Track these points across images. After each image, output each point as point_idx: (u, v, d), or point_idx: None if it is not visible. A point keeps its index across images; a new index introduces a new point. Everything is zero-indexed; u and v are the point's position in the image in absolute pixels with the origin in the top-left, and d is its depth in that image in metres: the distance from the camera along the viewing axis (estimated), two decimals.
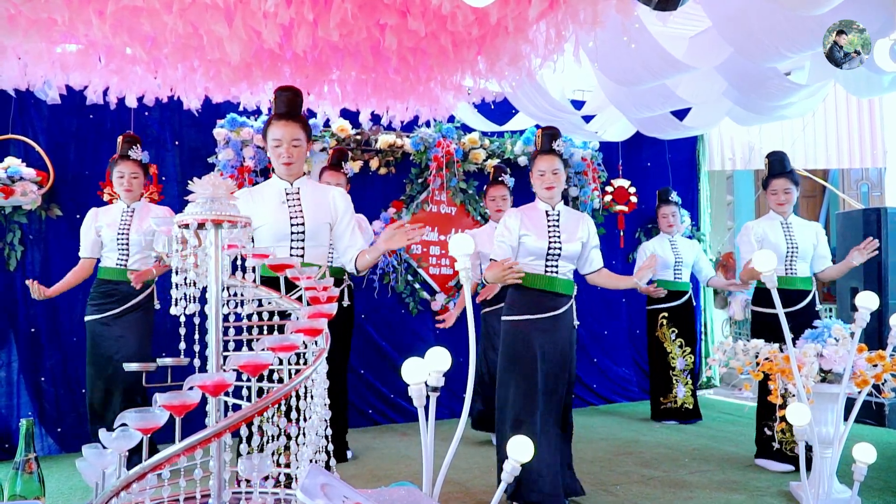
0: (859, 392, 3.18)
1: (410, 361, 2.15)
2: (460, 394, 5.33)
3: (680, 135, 5.71)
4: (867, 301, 3.07)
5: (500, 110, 5.37)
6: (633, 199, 6.29)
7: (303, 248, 2.83)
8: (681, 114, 5.22)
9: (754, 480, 3.67)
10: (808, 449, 3.43)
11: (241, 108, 4.52)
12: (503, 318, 3.26)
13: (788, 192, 4.05)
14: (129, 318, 3.79)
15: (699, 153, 6.70)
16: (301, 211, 2.84)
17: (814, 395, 3.17)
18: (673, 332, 5.21)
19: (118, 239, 3.81)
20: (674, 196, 5.48)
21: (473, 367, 2.35)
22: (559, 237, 3.24)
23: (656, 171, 6.55)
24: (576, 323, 3.35)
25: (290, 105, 2.90)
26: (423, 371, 2.17)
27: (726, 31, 3.46)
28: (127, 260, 3.83)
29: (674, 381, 5.25)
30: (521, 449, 2.03)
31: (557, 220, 3.28)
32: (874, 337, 4.73)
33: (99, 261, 3.91)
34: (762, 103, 4.65)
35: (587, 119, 5.40)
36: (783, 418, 2.94)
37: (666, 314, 5.24)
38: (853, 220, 5.59)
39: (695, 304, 5.54)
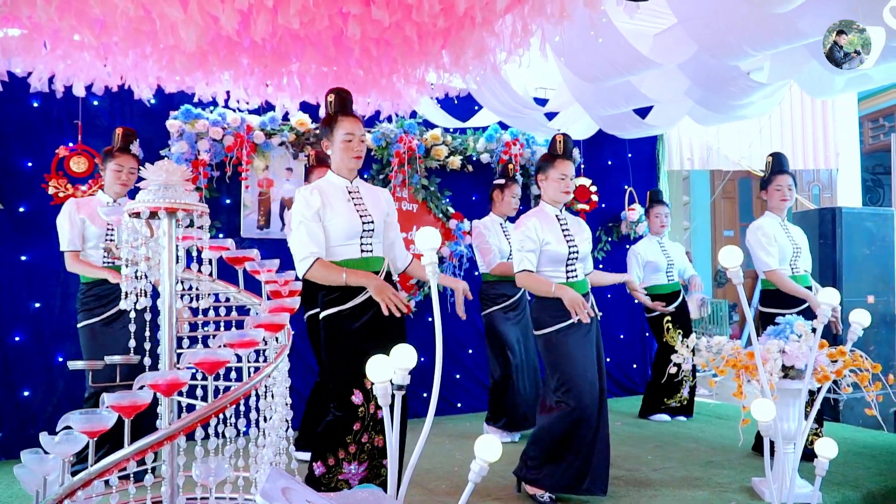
0: (819, 388, 3.21)
1: (375, 359, 2.07)
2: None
3: (641, 133, 5.74)
4: (829, 298, 3.10)
5: (463, 106, 5.32)
6: (595, 197, 6.30)
7: (371, 244, 2.89)
8: (643, 112, 5.24)
9: (716, 477, 3.68)
10: (771, 445, 3.46)
11: (196, 99, 4.36)
12: (536, 333, 3.31)
13: (791, 189, 4.15)
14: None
15: (659, 153, 6.76)
16: (367, 208, 2.89)
17: (777, 391, 3.19)
18: (679, 333, 5.21)
19: (107, 235, 3.56)
20: (665, 196, 5.51)
21: (440, 365, 2.27)
22: (574, 240, 3.33)
23: (617, 170, 6.58)
24: (598, 314, 3.42)
25: (350, 104, 2.95)
26: (389, 369, 2.09)
27: (691, 28, 3.46)
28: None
29: (683, 382, 5.27)
30: (489, 449, 1.97)
31: (567, 224, 3.38)
32: (829, 334, 4.80)
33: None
34: (723, 102, 4.69)
35: (550, 117, 5.38)
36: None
37: (670, 318, 5.24)
38: (810, 220, 5.71)
39: None
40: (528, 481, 3.28)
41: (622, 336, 6.48)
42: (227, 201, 4.82)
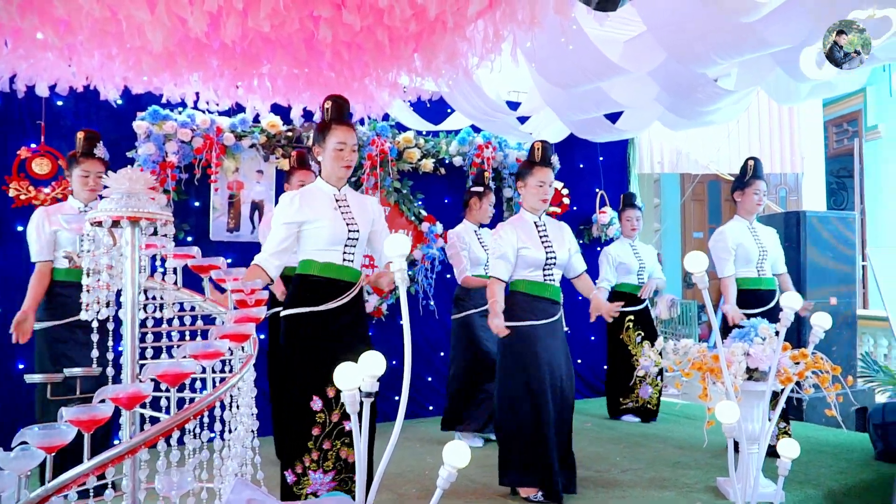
0: (783, 389, 3.27)
1: (343, 367, 2.06)
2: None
3: (612, 138, 5.79)
4: (791, 301, 3.15)
5: (435, 109, 5.32)
6: (566, 200, 6.35)
7: (353, 255, 2.88)
8: (614, 117, 5.28)
9: (683, 477, 3.73)
10: (736, 445, 3.51)
11: (164, 100, 4.30)
12: (505, 323, 3.33)
13: (765, 194, 4.28)
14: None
15: (630, 156, 6.83)
16: (353, 217, 2.89)
17: (741, 393, 3.25)
18: (639, 335, 5.27)
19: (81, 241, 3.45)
20: (638, 200, 5.57)
21: (409, 369, 2.26)
22: (552, 246, 3.39)
23: (589, 173, 6.63)
24: (566, 329, 3.54)
25: (346, 112, 2.96)
26: (357, 376, 2.08)
27: (661, 35, 3.50)
28: None
29: (637, 382, 5.31)
30: (457, 454, 1.97)
31: (546, 230, 3.44)
32: (794, 335, 4.91)
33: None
34: (692, 108, 4.75)
35: (522, 120, 5.41)
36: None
37: (632, 317, 5.29)
38: (776, 223, 5.81)
39: None
40: (518, 484, 3.34)
41: (593, 338, 6.53)
42: (196, 204, 4.76)
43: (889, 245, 7.89)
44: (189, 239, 4.65)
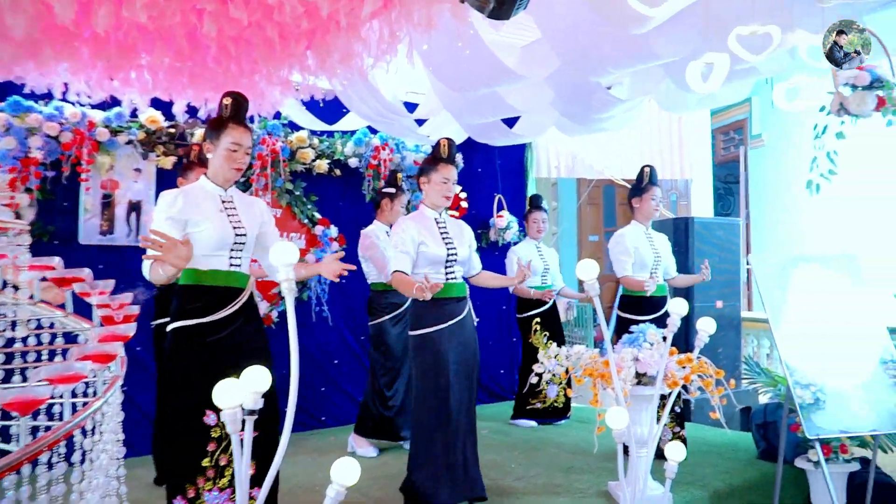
0: (670, 392, 3.44)
1: (223, 383, 1.98)
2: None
3: (509, 142, 5.91)
4: (678, 307, 3.32)
5: (330, 109, 5.25)
6: (464, 204, 6.42)
7: (240, 259, 2.81)
8: (511, 121, 5.40)
9: (576, 482, 3.86)
10: (625, 449, 3.66)
11: (27, 90, 4.01)
12: (412, 332, 3.37)
13: (661, 200, 4.46)
14: None
15: (527, 160, 7.00)
16: (240, 220, 2.83)
17: (631, 398, 3.39)
18: (545, 335, 5.39)
19: None
20: (544, 203, 5.71)
21: (295, 379, 2.21)
22: (452, 243, 3.43)
23: (486, 177, 6.74)
24: (475, 319, 3.57)
25: (245, 111, 2.92)
26: (239, 393, 2.01)
27: (556, 43, 3.61)
28: None
29: (544, 384, 5.42)
30: (346, 472, 1.94)
31: (446, 227, 3.48)
32: (681, 339, 5.17)
33: None
34: (586, 115, 4.93)
35: (420, 123, 5.43)
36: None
37: (539, 319, 5.41)
38: (666, 229, 6.08)
39: None
40: (421, 498, 3.30)
41: (490, 342, 6.65)
42: (65, 204, 4.47)
43: (770, 250, 8.50)
44: (55, 243, 4.37)
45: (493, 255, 6.57)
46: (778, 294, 4.20)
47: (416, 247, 3.35)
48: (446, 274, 3.42)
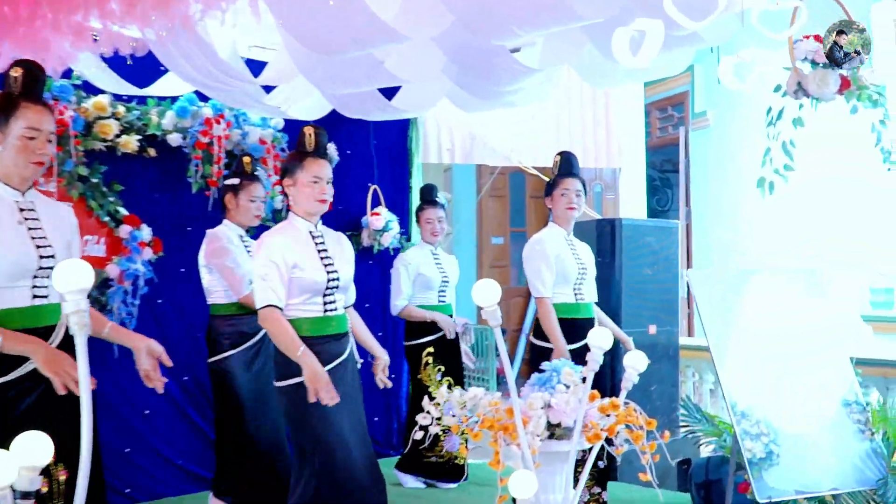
0: (590, 448, 3.58)
1: None
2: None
3: (388, 117, 5.96)
4: (600, 339, 3.46)
5: (142, 67, 5.08)
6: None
7: (47, 287, 2.74)
8: (391, 91, 5.45)
9: None
10: None
11: None
12: (278, 384, 3.42)
13: (580, 196, 4.62)
14: None
15: (412, 141, 7.10)
16: (45, 234, 2.80)
17: (541, 456, 3.50)
18: (439, 370, 5.33)
19: None
20: (441, 196, 5.74)
21: (87, 441, 2.16)
22: (333, 263, 3.49)
23: (357, 162, 6.77)
24: (359, 361, 3.68)
25: (42, 86, 2.91)
26: (10, 469, 1.94)
27: None
28: None
29: (441, 433, 5.44)
30: None
31: (324, 243, 3.53)
32: (606, 378, 5.37)
33: None
34: (487, 86, 5.05)
35: (268, 90, 5.38)
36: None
37: (431, 349, 5.37)
38: (586, 231, 6.27)
39: None
40: None
41: (362, 378, 6.68)
42: None
43: (715, 261, 8.99)
44: None
45: (367, 265, 6.60)
46: (723, 317, 4.48)
47: (289, 271, 3.37)
48: (325, 304, 3.46)
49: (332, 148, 3.63)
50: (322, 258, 3.48)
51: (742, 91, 4.86)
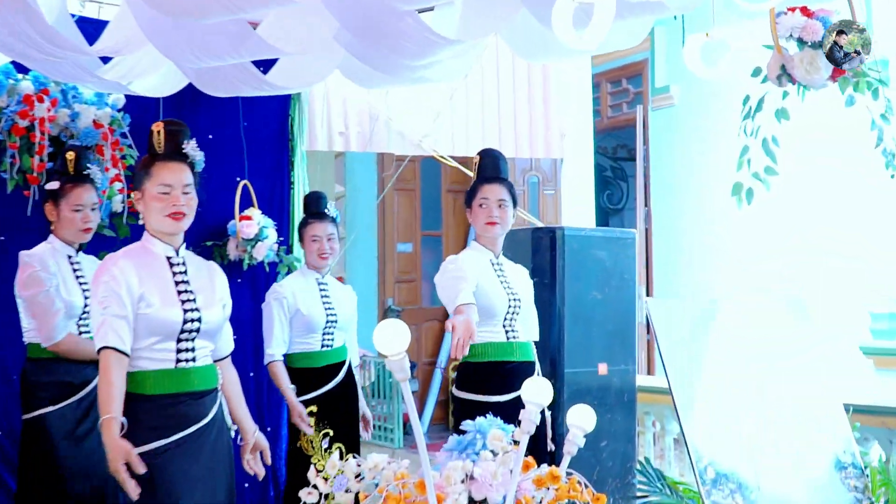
0: None
1: None
2: None
3: (263, 93, 5.92)
4: (538, 392, 3.48)
5: None
6: None
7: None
8: (270, 62, 5.43)
9: None
10: None
11: None
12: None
13: (504, 206, 4.57)
14: None
15: (293, 124, 7.06)
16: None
17: None
18: (326, 435, 5.23)
19: None
20: (331, 207, 5.62)
21: None
22: (194, 298, 3.49)
23: (222, 150, 6.67)
24: (232, 427, 3.70)
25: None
26: None
27: None
28: None
29: None
30: None
31: (185, 271, 3.55)
32: (542, 439, 5.40)
33: None
34: (393, 59, 5.06)
35: (105, 61, 5.32)
36: None
37: (315, 407, 5.31)
38: (519, 243, 6.26)
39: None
40: None
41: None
42: None
43: (680, 281, 9.14)
44: None
45: (235, 285, 6.49)
46: (689, 355, 4.56)
47: (135, 306, 3.35)
48: (178, 350, 3.45)
49: (192, 146, 3.60)
50: (180, 290, 3.48)
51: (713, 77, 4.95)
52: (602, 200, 11.40)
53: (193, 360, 3.49)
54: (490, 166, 4.72)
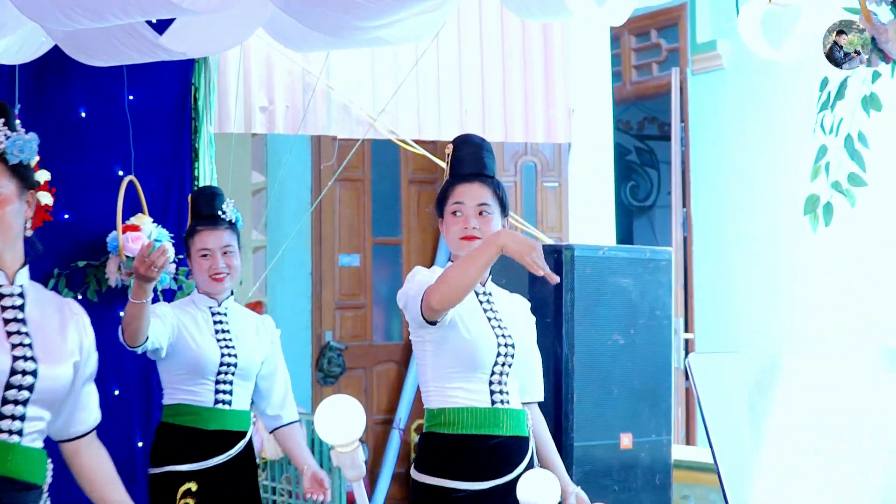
0: None
1: None
2: None
3: (158, 59, 5.98)
4: (538, 491, 3.54)
5: None
6: (47, 198, 6.38)
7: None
8: (164, 24, 5.49)
9: None
10: None
11: None
12: None
13: (487, 214, 4.39)
14: None
15: (198, 98, 7.11)
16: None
17: None
18: None
19: None
20: (229, 208, 5.42)
21: None
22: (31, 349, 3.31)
23: (102, 133, 6.74)
24: None
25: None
26: None
27: None
28: None
29: None
30: None
31: (21, 305, 3.35)
32: None
33: None
34: (336, 16, 5.11)
35: None
36: None
37: (194, 485, 5.29)
38: (511, 265, 6.07)
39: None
40: None
41: None
42: None
43: (729, 322, 9.13)
44: None
45: (115, 323, 6.51)
46: (741, 423, 4.63)
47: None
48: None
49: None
50: (9, 333, 3.27)
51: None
52: (624, 195, 11.32)
53: (20, 432, 3.13)
54: (468, 159, 4.53)
